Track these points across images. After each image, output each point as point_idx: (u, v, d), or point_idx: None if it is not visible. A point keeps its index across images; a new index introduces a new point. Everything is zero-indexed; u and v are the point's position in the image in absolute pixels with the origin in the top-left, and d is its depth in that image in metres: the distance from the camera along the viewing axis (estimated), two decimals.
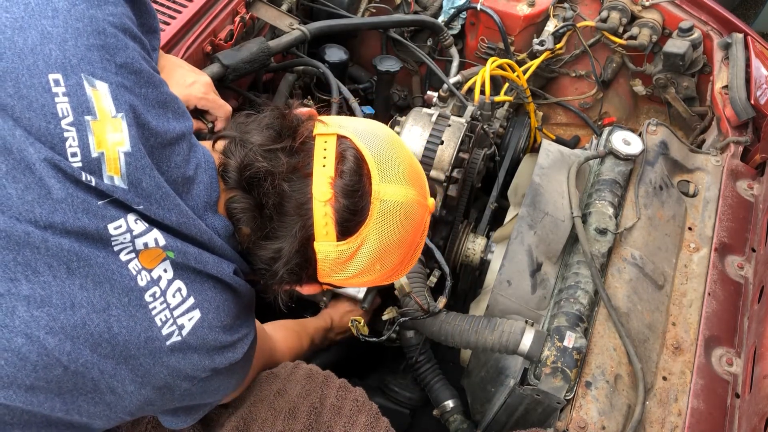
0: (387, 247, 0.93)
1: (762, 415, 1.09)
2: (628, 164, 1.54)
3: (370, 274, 0.95)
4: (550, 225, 1.41)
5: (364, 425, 1.18)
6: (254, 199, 0.90)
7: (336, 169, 0.89)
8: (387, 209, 0.91)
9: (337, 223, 0.89)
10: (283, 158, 0.89)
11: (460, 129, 1.50)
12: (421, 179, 1.00)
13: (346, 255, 0.91)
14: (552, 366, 1.19)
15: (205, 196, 0.91)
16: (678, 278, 1.43)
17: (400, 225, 0.93)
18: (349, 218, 0.89)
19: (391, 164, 0.93)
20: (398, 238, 0.94)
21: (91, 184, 0.80)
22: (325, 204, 0.88)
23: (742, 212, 1.54)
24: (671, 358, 1.30)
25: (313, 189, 0.88)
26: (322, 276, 0.95)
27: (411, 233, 0.96)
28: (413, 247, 0.99)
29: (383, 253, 0.93)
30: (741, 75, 1.74)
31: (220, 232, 0.92)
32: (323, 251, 0.91)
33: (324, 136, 0.92)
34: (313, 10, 2.08)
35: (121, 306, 0.82)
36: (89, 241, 0.80)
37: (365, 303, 1.53)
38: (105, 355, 0.81)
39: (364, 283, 0.99)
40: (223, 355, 0.94)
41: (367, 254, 0.92)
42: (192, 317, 0.89)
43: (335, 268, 0.93)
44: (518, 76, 2.01)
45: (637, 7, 2.03)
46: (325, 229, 0.89)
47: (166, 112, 0.90)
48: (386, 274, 0.99)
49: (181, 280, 0.88)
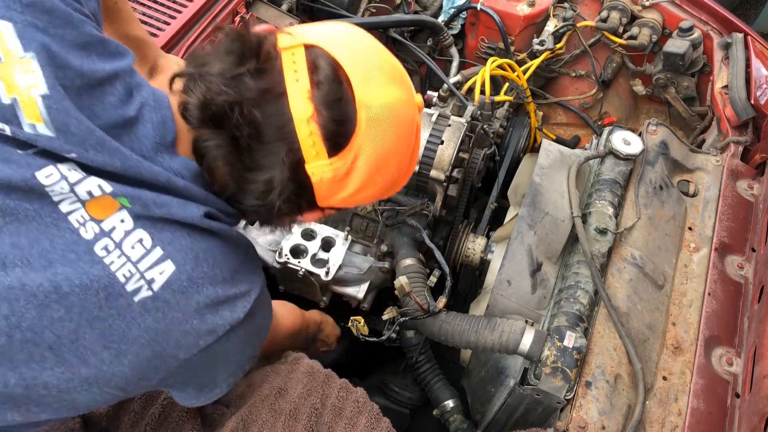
0: (384, 154, 0.87)
1: (762, 415, 1.09)
2: (628, 164, 1.54)
3: (372, 187, 0.90)
4: (550, 225, 1.41)
5: (365, 426, 1.18)
6: (226, 134, 0.82)
7: (311, 81, 0.81)
8: (375, 114, 0.84)
9: (325, 138, 0.82)
10: (250, 83, 0.81)
11: (460, 129, 1.50)
12: (404, 77, 0.93)
13: (342, 172, 0.85)
14: (552, 366, 1.19)
15: (155, 137, 0.83)
16: (678, 278, 1.43)
17: (393, 129, 0.87)
18: (336, 131, 0.82)
19: (370, 66, 0.85)
20: (393, 143, 0.88)
21: (5, 133, 0.73)
22: (307, 121, 0.81)
23: (742, 212, 1.54)
24: (671, 358, 1.30)
25: (291, 108, 0.80)
26: (323, 199, 0.89)
27: (405, 136, 0.90)
28: (410, 150, 0.94)
29: (381, 162, 0.87)
30: (741, 75, 1.74)
31: (181, 173, 0.84)
32: (317, 173, 0.84)
33: (290, 48, 0.84)
34: (313, 10, 2.08)
35: (68, 262, 0.74)
36: (18, 194, 0.73)
37: (365, 303, 1.53)
38: (58, 318, 0.73)
39: (367, 198, 0.93)
40: (217, 314, 0.85)
41: (364, 166, 0.86)
42: (163, 270, 0.80)
43: (334, 187, 0.87)
44: (518, 76, 2.01)
45: (637, 7, 2.03)
46: (314, 149, 0.82)
47: (90, 53, 0.81)
48: (388, 184, 0.94)
49: (144, 230, 0.79)
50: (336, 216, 1.71)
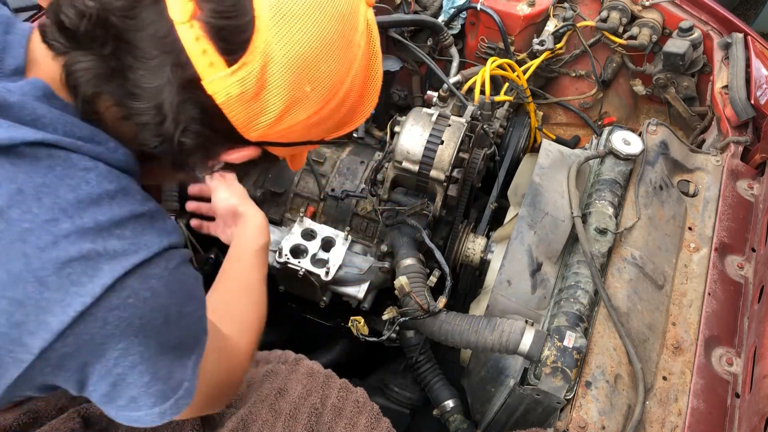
0: (305, 56, 0.70)
1: (762, 415, 1.09)
2: (628, 164, 1.54)
3: (305, 103, 0.72)
4: (550, 225, 1.41)
5: (365, 426, 1.18)
6: (95, 55, 0.68)
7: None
8: (281, 3, 0.68)
9: (215, 40, 0.66)
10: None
11: (460, 129, 1.50)
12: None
13: (251, 84, 0.68)
14: (552, 366, 1.19)
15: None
16: (678, 278, 1.43)
17: (311, 20, 0.70)
18: (227, 28, 0.66)
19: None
20: (317, 40, 0.70)
21: None
22: (190, 23, 0.65)
23: (742, 212, 1.54)
24: (671, 358, 1.30)
25: (168, 12, 0.66)
26: (245, 128, 0.72)
27: (336, 30, 0.72)
28: (353, 51, 0.75)
29: (305, 67, 0.70)
30: (741, 75, 1.74)
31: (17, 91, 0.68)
32: (219, 89, 0.68)
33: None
34: None
35: None
36: None
37: (365, 303, 1.53)
38: None
39: (307, 123, 0.75)
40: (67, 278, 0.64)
41: (281, 73, 0.69)
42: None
43: (251, 109, 0.70)
44: (518, 76, 2.01)
45: (637, 7, 2.03)
46: (206, 58, 0.66)
47: None
48: (331, 101, 0.75)
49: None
50: (336, 216, 1.71)
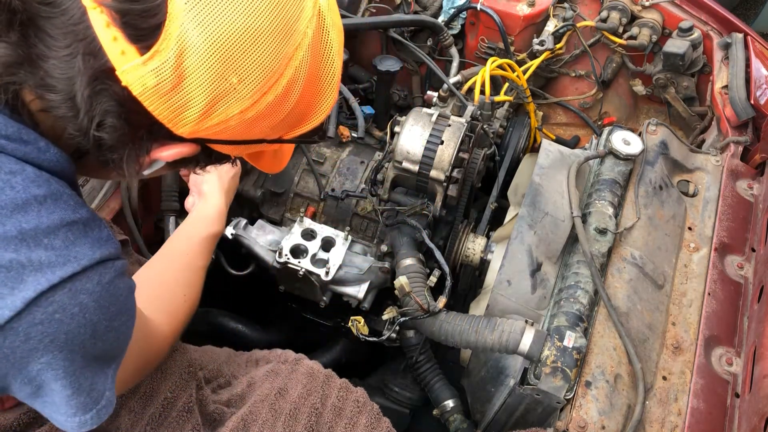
0: (228, 41, 0.63)
1: (762, 414, 1.09)
2: (628, 164, 1.54)
3: (234, 96, 0.66)
4: (550, 225, 1.41)
5: (365, 426, 1.18)
6: (5, 43, 0.64)
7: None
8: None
9: (123, 25, 0.61)
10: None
11: (460, 129, 1.50)
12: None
13: (168, 74, 0.63)
14: (552, 366, 1.19)
15: None
16: (678, 278, 1.43)
17: (237, 0, 0.63)
18: (131, 9, 0.61)
19: None
20: (241, 24, 0.63)
21: None
22: (100, 9, 0.61)
23: (742, 212, 1.54)
24: (671, 357, 1.30)
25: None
26: (172, 123, 0.67)
27: (271, 13, 0.65)
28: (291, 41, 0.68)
29: (227, 54, 0.64)
30: (741, 75, 1.74)
31: None
32: (134, 80, 0.63)
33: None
34: None
35: None
36: None
37: (365, 303, 1.53)
38: None
39: (242, 118, 0.69)
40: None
41: (200, 63, 0.63)
42: None
43: (172, 102, 0.65)
44: (518, 76, 2.01)
45: (637, 7, 2.03)
46: (117, 45, 0.62)
47: None
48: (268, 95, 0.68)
49: None
50: (336, 216, 1.71)
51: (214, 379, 1.25)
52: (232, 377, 1.26)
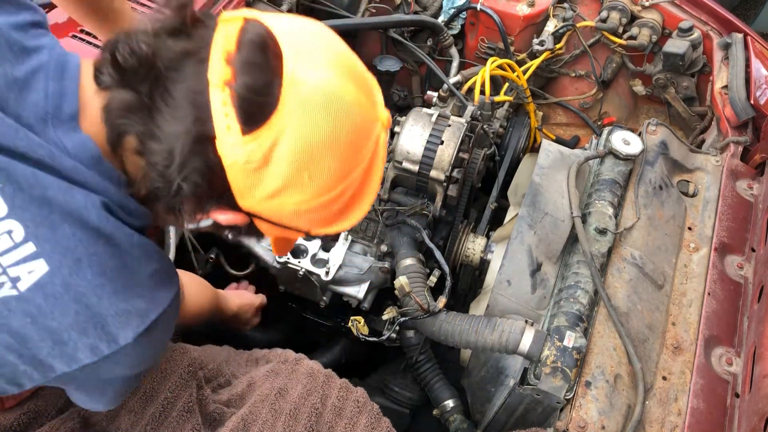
0: (312, 148, 0.74)
1: (762, 414, 1.09)
2: (628, 164, 1.54)
3: (300, 188, 0.76)
4: (550, 225, 1.41)
5: (365, 426, 1.18)
6: (134, 91, 0.74)
7: (236, 45, 0.73)
8: (306, 95, 0.73)
9: (239, 108, 0.71)
10: (169, 41, 0.74)
11: (460, 129, 1.50)
12: (365, 81, 0.82)
13: (257, 156, 0.73)
14: (552, 366, 1.19)
15: (47, 107, 0.75)
16: (678, 278, 1.43)
17: (327, 119, 0.74)
18: (251, 99, 0.72)
19: (313, 48, 0.76)
20: (327, 137, 0.74)
21: None
22: (222, 87, 0.71)
23: (742, 212, 1.54)
24: (671, 357, 1.30)
25: (209, 73, 0.72)
26: (239, 194, 0.77)
27: (347, 136, 0.76)
28: (356, 160, 0.79)
29: (308, 157, 0.74)
30: (741, 75, 1.74)
31: (74, 152, 0.74)
32: (229, 153, 0.72)
33: (228, 21, 0.76)
34: (313, 10, 2.08)
35: None
36: None
37: (365, 303, 1.53)
38: None
39: (297, 207, 0.79)
40: (102, 331, 0.75)
41: (285, 156, 0.73)
42: (33, 270, 0.71)
43: (249, 178, 0.74)
44: (518, 76, 2.01)
45: (636, 7, 2.03)
46: (226, 121, 0.71)
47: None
48: (324, 195, 0.79)
49: (18, 221, 0.71)
50: None
51: (214, 378, 1.25)
52: (232, 377, 1.26)
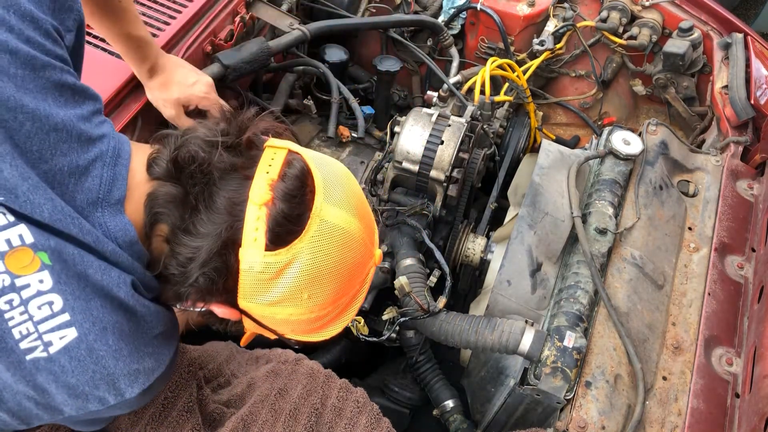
0: (319, 273, 0.86)
1: (762, 415, 1.09)
2: (628, 164, 1.54)
3: (296, 304, 0.87)
4: (550, 225, 1.41)
5: (365, 426, 1.18)
6: (182, 188, 0.84)
7: (280, 173, 0.85)
8: (327, 229, 0.85)
9: (270, 228, 0.83)
10: (224, 154, 0.85)
11: (460, 129, 1.50)
12: (371, 223, 0.95)
13: (272, 270, 0.84)
14: (552, 366, 1.19)
15: (99, 192, 0.84)
16: (678, 278, 1.43)
17: (339, 252, 0.87)
18: (282, 224, 0.83)
19: (339, 190, 0.89)
20: (334, 267, 0.87)
21: None
22: (260, 207, 0.83)
23: (742, 212, 1.54)
24: (671, 357, 1.30)
25: (251, 191, 0.83)
26: (243, 295, 0.87)
27: (349, 268, 0.89)
28: (349, 288, 0.91)
29: (314, 280, 0.86)
30: (741, 75, 1.74)
31: (115, 235, 0.85)
32: (248, 260, 0.83)
33: (275, 147, 0.89)
34: (313, 10, 2.08)
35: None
36: None
37: (365, 303, 1.53)
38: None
39: (287, 318, 0.89)
40: (113, 387, 0.85)
41: (295, 275, 0.85)
42: (65, 335, 0.80)
43: (259, 286, 0.85)
44: (518, 76, 2.01)
45: (637, 7, 2.03)
46: (255, 234, 0.82)
47: (47, 97, 0.83)
48: (313, 313, 0.89)
49: (60, 295, 0.80)
50: None
51: (214, 378, 1.25)
52: (232, 376, 1.26)
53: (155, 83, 1.40)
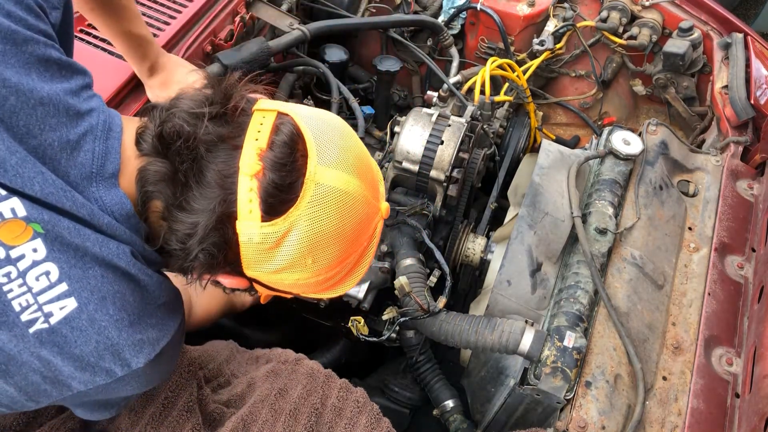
0: (320, 237, 0.84)
1: (762, 415, 1.09)
2: (628, 164, 1.54)
3: (302, 270, 0.86)
4: (550, 225, 1.41)
5: (365, 426, 1.18)
6: (170, 164, 0.83)
7: (268, 142, 0.82)
8: (323, 193, 0.83)
9: (263, 199, 0.81)
10: (209, 124, 0.83)
11: (460, 129, 1.50)
12: (373, 177, 0.93)
13: (271, 240, 0.82)
14: (552, 366, 1.19)
15: (92, 167, 0.83)
16: (678, 278, 1.43)
17: (338, 215, 0.84)
18: (275, 194, 0.81)
19: (334, 149, 0.85)
20: (335, 230, 0.85)
21: None
22: (251, 178, 0.81)
23: (742, 212, 1.54)
24: (671, 358, 1.30)
25: (240, 161, 0.81)
26: (247, 266, 0.86)
27: (351, 229, 0.87)
28: (355, 248, 0.90)
29: (315, 245, 0.84)
30: (741, 75, 1.74)
31: (111, 209, 0.83)
32: (246, 232, 0.82)
33: (263, 111, 0.86)
34: (313, 10, 2.08)
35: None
36: None
37: (365, 303, 1.53)
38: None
39: (295, 282, 0.89)
40: (117, 357, 0.84)
41: (296, 243, 0.83)
42: (65, 306, 0.80)
43: (260, 256, 0.84)
44: (518, 76, 2.01)
45: (637, 7, 2.03)
46: (249, 206, 0.81)
47: (30, 72, 0.81)
48: (321, 275, 0.89)
49: (55, 263, 0.79)
50: None
51: (215, 378, 1.25)
52: (232, 376, 1.26)
53: (155, 82, 1.40)
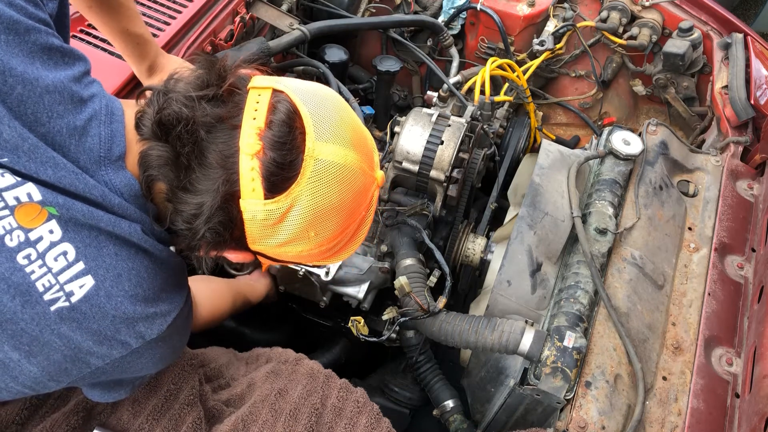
0: (321, 211, 0.87)
1: (762, 415, 1.09)
2: (628, 164, 1.54)
3: (305, 242, 0.89)
4: (550, 225, 1.41)
5: (365, 426, 1.18)
6: (171, 148, 0.85)
7: (266, 121, 0.84)
8: (322, 169, 0.86)
9: (264, 177, 0.83)
10: (207, 107, 0.85)
11: (460, 129, 1.50)
12: (368, 148, 0.95)
13: (275, 216, 0.85)
14: (552, 366, 1.19)
15: (100, 150, 0.86)
16: (678, 278, 1.43)
17: (338, 188, 0.87)
18: (276, 173, 0.84)
19: (330, 123, 0.88)
20: (335, 203, 0.88)
21: None
22: (252, 157, 0.83)
23: (742, 212, 1.54)
24: (671, 358, 1.30)
25: (240, 141, 0.83)
26: (252, 241, 0.89)
27: (351, 200, 0.90)
28: (354, 217, 0.93)
29: (317, 218, 0.88)
30: (741, 75, 1.74)
31: (121, 190, 0.87)
32: (250, 210, 0.85)
33: (258, 89, 0.87)
34: (313, 10, 2.08)
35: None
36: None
37: (365, 303, 1.53)
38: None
39: (299, 254, 0.92)
40: (133, 330, 0.89)
41: (298, 217, 0.86)
42: (83, 284, 0.83)
43: (264, 231, 0.87)
44: (518, 76, 2.01)
45: (637, 7, 2.03)
46: (252, 185, 0.83)
47: (34, 61, 0.83)
48: (323, 246, 0.92)
49: (71, 243, 0.82)
50: None
51: (215, 378, 1.25)
52: (232, 379, 1.26)
53: (154, 82, 1.40)
